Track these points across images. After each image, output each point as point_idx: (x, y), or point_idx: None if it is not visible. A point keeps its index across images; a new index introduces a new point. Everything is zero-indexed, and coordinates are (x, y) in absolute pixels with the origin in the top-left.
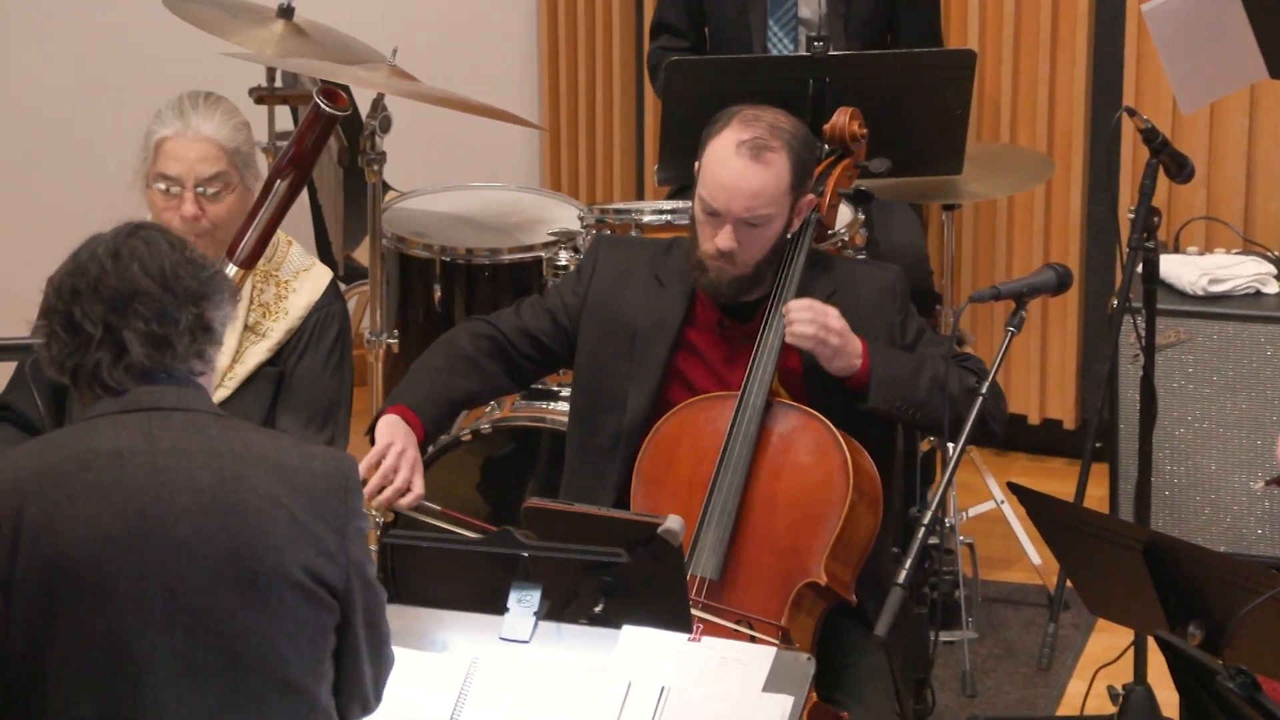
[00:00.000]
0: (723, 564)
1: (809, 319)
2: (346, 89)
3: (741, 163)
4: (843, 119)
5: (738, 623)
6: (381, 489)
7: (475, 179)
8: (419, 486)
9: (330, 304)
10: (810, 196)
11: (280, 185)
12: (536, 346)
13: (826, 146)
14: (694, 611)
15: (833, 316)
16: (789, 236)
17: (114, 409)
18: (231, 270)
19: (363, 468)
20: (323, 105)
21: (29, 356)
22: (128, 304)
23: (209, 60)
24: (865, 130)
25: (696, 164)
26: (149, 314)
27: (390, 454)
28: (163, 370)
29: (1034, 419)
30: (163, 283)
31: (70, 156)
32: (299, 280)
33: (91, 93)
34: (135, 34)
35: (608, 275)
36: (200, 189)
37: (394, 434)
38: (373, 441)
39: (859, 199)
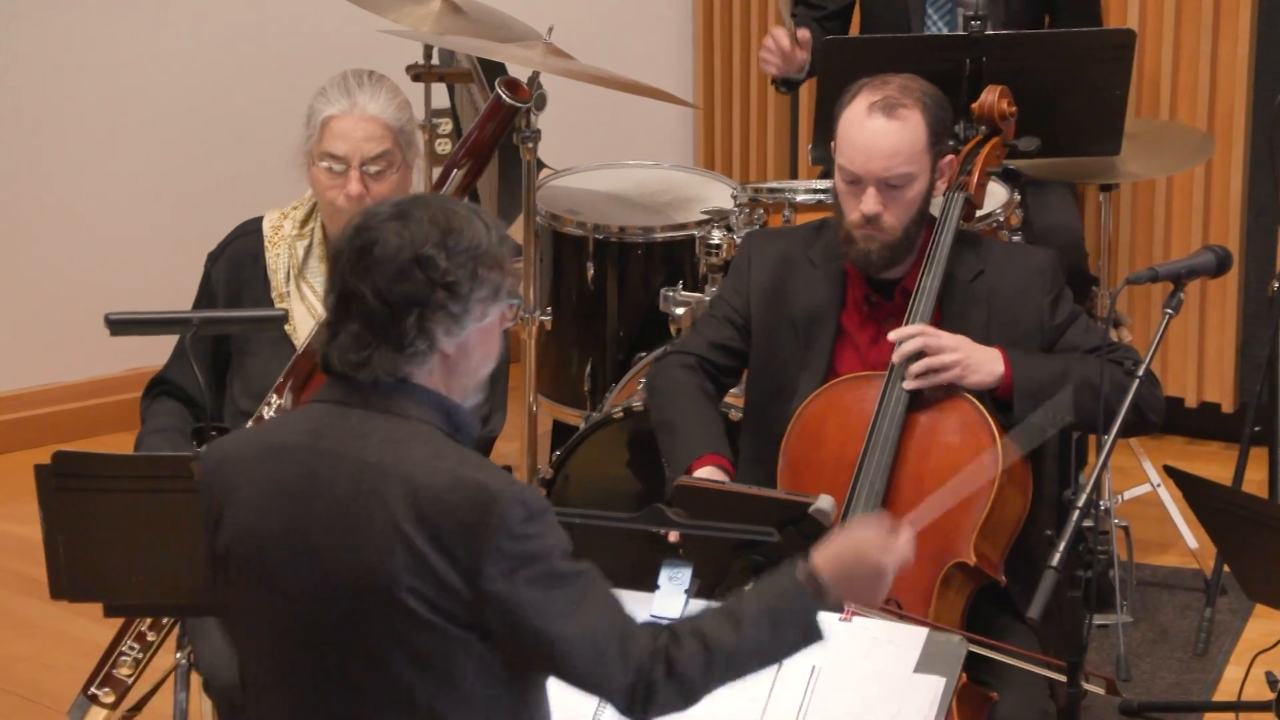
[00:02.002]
0: None
1: (920, 367)
2: (503, 68)
3: (875, 122)
4: (991, 97)
5: (887, 602)
6: None
7: (629, 157)
8: None
9: None
10: (951, 157)
11: (457, 174)
12: (730, 354)
13: (976, 125)
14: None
15: (943, 339)
16: (940, 199)
17: (318, 395)
18: None
19: None
20: (504, 96)
21: (189, 331)
22: (348, 300)
23: (366, 37)
24: (1014, 108)
25: (832, 143)
26: (360, 316)
27: None
28: (361, 367)
29: (1191, 402)
30: (379, 286)
31: (230, 133)
32: None
33: (251, 70)
34: (294, 11)
35: (765, 268)
36: (365, 168)
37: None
38: None
39: (1007, 178)
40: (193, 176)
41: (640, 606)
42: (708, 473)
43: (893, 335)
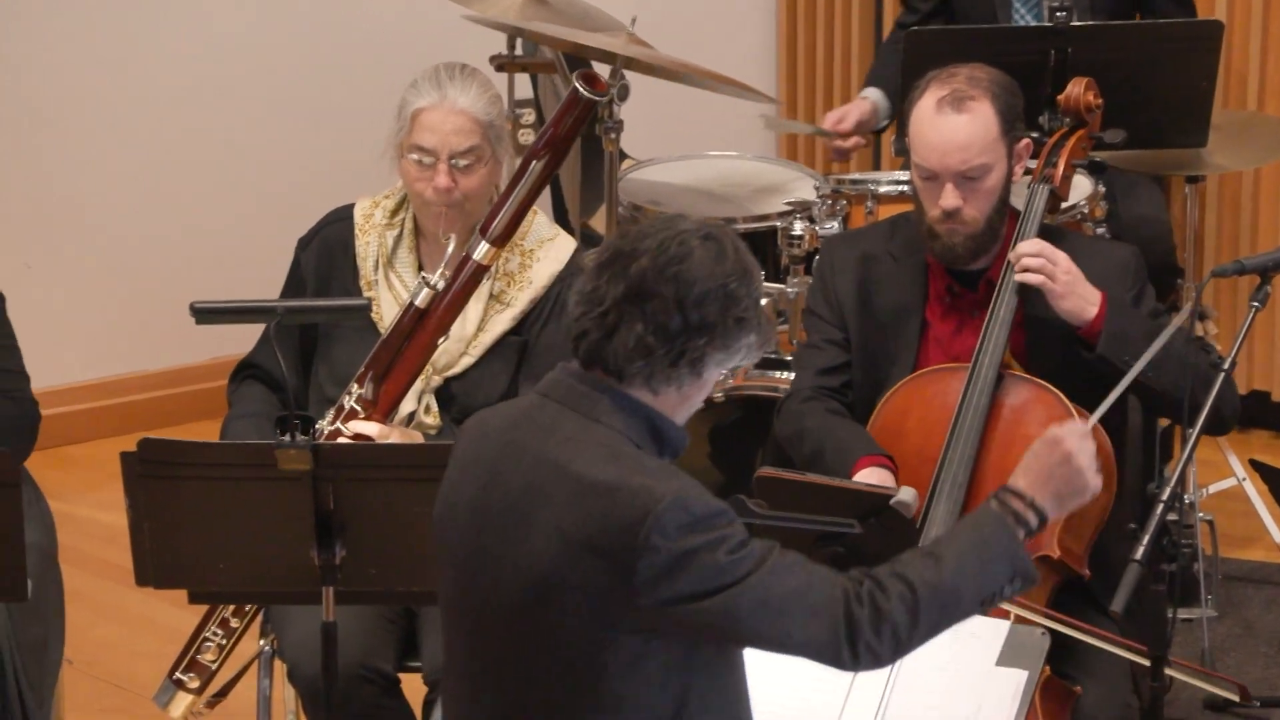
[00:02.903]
0: None
1: (1034, 252)
2: (588, 62)
3: (945, 118)
4: (1077, 89)
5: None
6: None
7: (711, 148)
8: None
9: (574, 274)
10: (1027, 141)
11: (535, 166)
12: (841, 372)
13: (1061, 117)
14: None
15: (1061, 255)
16: (1025, 190)
17: (537, 387)
18: (484, 248)
19: None
20: (582, 90)
21: (274, 319)
22: (640, 300)
23: (451, 26)
24: (1100, 101)
25: (906, 138)
26: (651, 320)
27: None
28: (622, 373)
29: (1277, 395)
30: (682, 300)
31: (315, 121)
32: (543, 250)
33: (336, 58)
34: (380, 1)
35: (847, 271)
36: (454, 161)
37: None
38: None
39: (1093, 170)
40: (279, 165)
41: None
42: (868, 475)
43: (1019, 247)
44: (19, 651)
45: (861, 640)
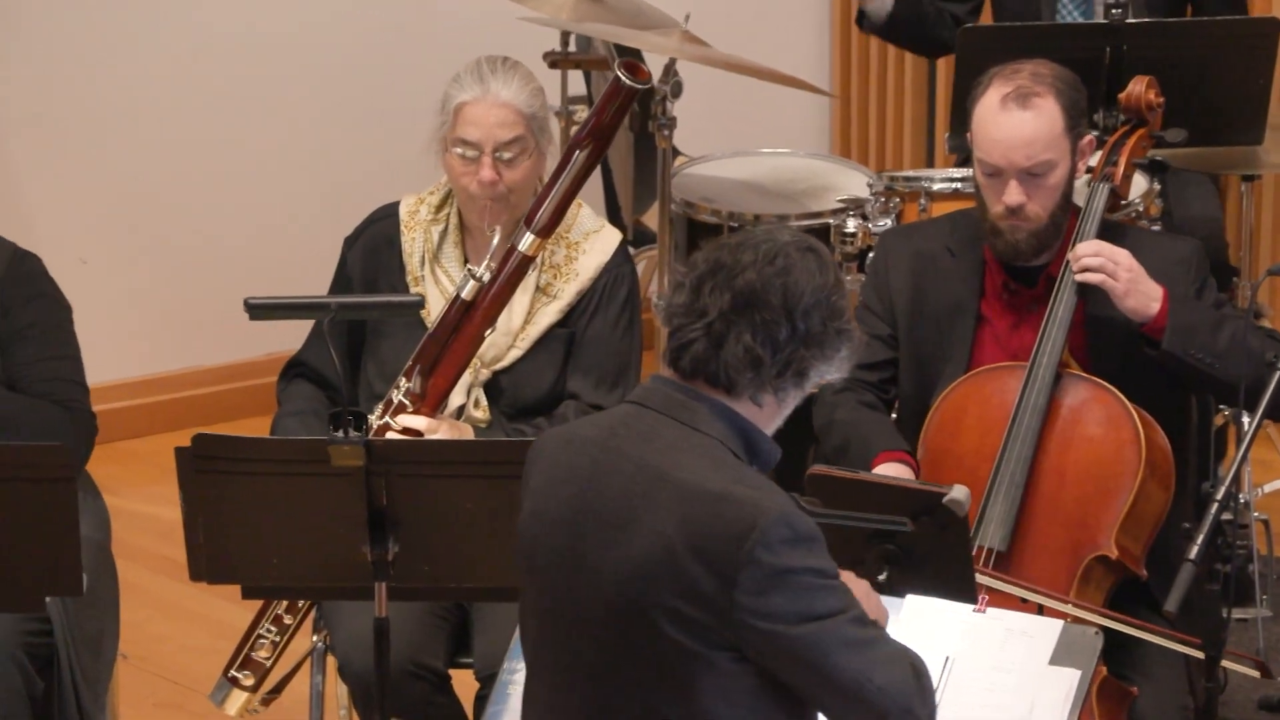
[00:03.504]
0: (1010, 535)
1: (1093, 252)
2: (638, 53)
3: (1010, 115)
4: (1139, 88)
5: (1023, 603)
6: None
7: (765, 145)
8: None
9: (619, 265)
10: (1090, 137)
11: (579, 156)
12: (878, 368)
13: (1121, 116)
14: (986, 581)
15: (1121, 254)
16: (1085, 188)
17: (630, 397)
18: (529, 238)
19: None
20: (624, 78)
21: (327, 315)
22: (748, 308)
23: (505, 24)
24: (1162, 99)
25: (968, 134)
26: (760, 331)
27: None
28: (733, 384)
29: None
30: (790, 310)
31: (368, 119)
32: (589, 242)
33: (389, 56)
34: None
35: (902, 266)
36: (498, 154)
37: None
38: None
39: (1154, 169)
40: (331, 162)
41: None
42: (885, 470)
43: (1078, 248)
44: (75, 645)
45: (930, 691)
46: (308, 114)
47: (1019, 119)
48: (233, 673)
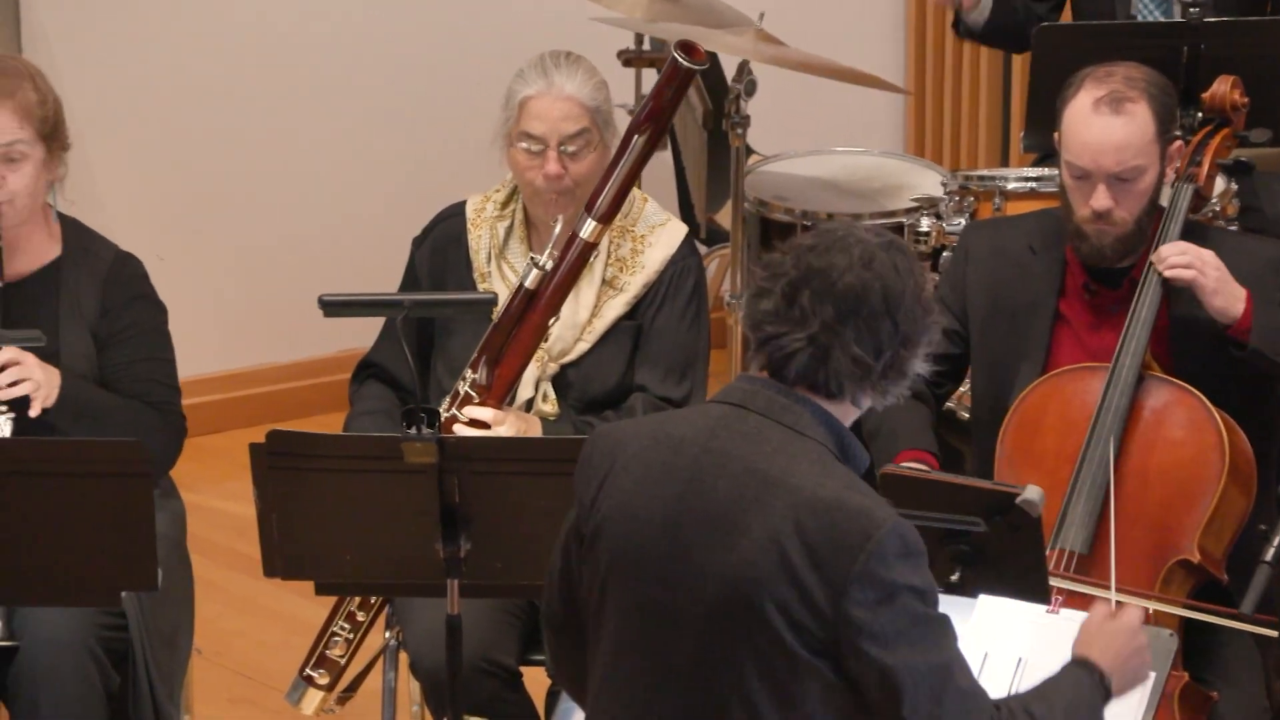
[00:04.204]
0: (1092, 538)
1: (1180, 250)
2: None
3: (1102, 119)
4: (1223, 87)
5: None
6: None
7: (838, 143)
8: None
9: (685, 257)
10: (1179, 144)
11: (638, 140)
12: (935, 360)
13: (1203, 115)
14: (1063, 584)
15: (1208, 253)
16: (1171, 191)
17: (719, 396)
18: (590, 225)
19: None
20: (680, 59)
21: (401, 313)
22: (852, 314)
23: (578, 22)
24: (1246, 100)
25: (1055, 134)
26: (865, 336)
27: None
28: (840, 389)
29: None
30: (893, 314)
31: (442, 117)
32: (654, 235)
33: (464, 55)
34: None
35: (981, 259)
36: (563, 147)
37: None
38: None
39: (1238, 170)
40: (405, 160)
41: None
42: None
43: (1162, 250)
44: (150, 640)
45: None
46: (381, 113)
47: (1111, 124)
48: (308, 671)
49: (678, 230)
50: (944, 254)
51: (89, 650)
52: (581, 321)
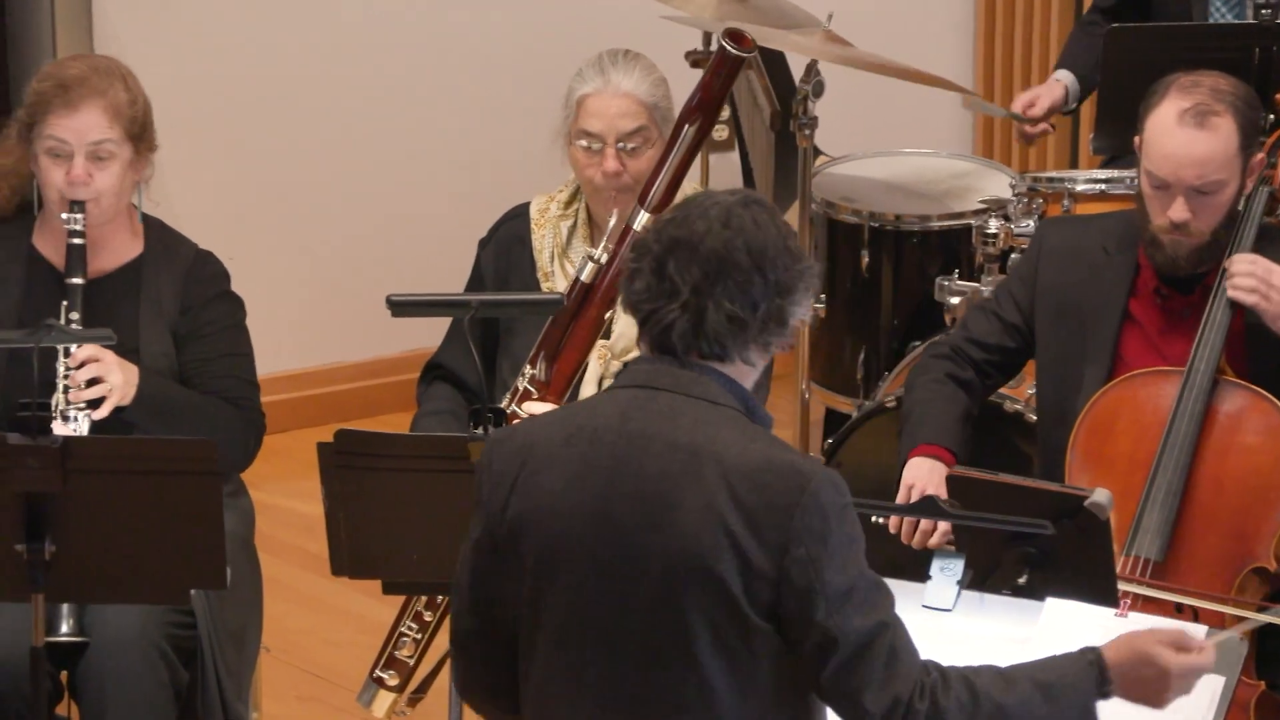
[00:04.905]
0: (1166, 545)
1: (1248, 271)
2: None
3: (1186, 132)
4: None
5: (1179, 611)
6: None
7: (907, 145)
8: (943, 525)
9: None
10: (1261, 156)
11: (688, 130)
12: (988, 350)
13: (1275, 117)
14: (1134, 589)
15: (1276, 274)
16: (1244, 197)
17: (620, 381)
18: (643, 217)
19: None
20: (729, 47)
21: (468, 313)
22: (720, 275)
23: (646, 22)
24: None
25: (1136, 139)
26: (736, 291)
27: (914, 495)
28: (724, 350)
29: None
30: (758, 265)
31: (508, 117)
32: None
33: (531, 55)
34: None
35: (1055, 256)
36: (621, 144)
37: (915, 475)
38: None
39: None
40: (472, 161)
41: (910, 597)
42: (916, 465)
43: (1233, 264)
44: (218, 638)
45: None
46: (449, 114)
47: (1194, 137)
48: (378, 673)
49: None
50: (1012, 256)
51: (158, 648)
52: None
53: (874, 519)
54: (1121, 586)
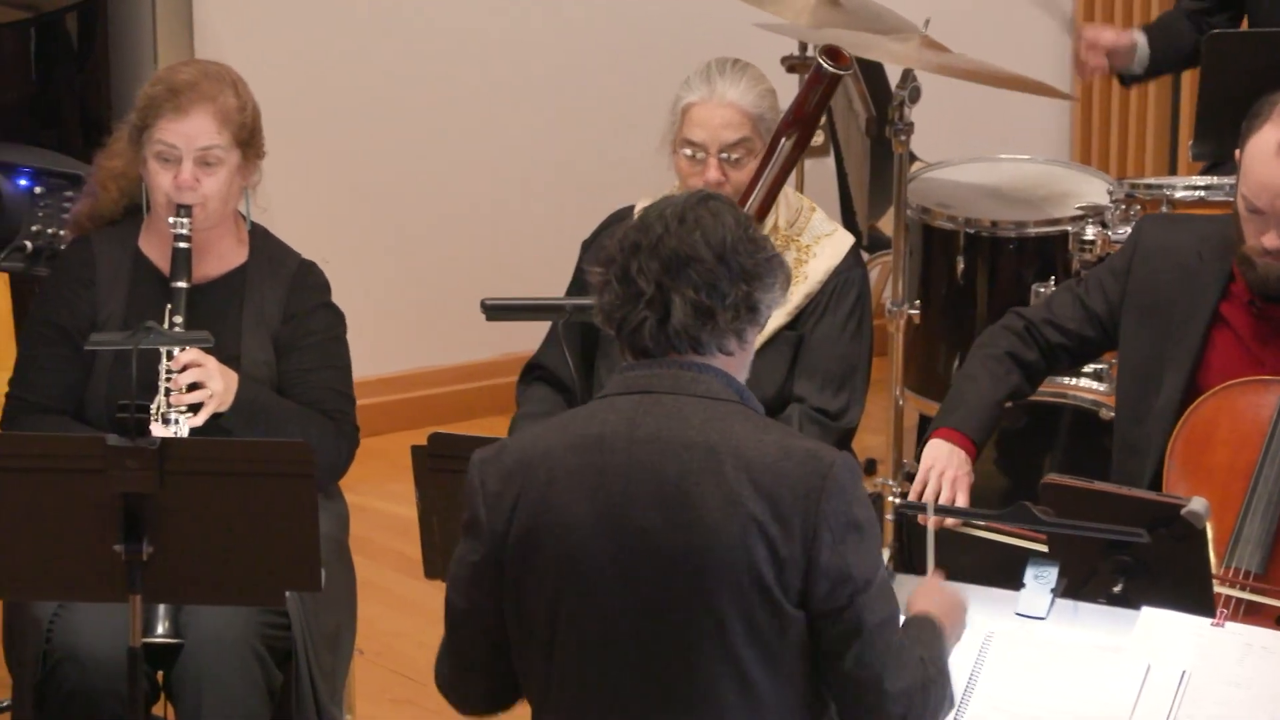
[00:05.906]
0: (1268, 557)
1: None
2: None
3: None
4: None
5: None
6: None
7: (1003, 150)
8: (962, 504)
9: (850, 269)
10: None
11: (784, 144)
12: (1065, 334)
13: None
14: (1233, 593)
15: None
16: None
17: (615, 389)
18: None
19: (911, 494)
20: (825, 64)
21: (563, 317)
22: (681, 268)
23: (744, 28)
24: None
25: (1237, 152)
26: (700, 282)
27: (931, 477)
28: (697, 342)
29: None
30: (719, 255)
31: (607, 122)
32: (820, 245)
33: (629, 59)
34: (671, 2)
35: (1150, 254)
36: (724, 155)
37: (935, 457)
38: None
39: None
40: (570, 164)
41: (1004, 604)
42: (935, 446)
43: None
44: (312, 640)
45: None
46: (547, 116)
47: None
48: None
49: (844, 241)
50: (1136, 226)
51: (253, 649)
52: None
53: (962, 526)
54: (1224, 591)
